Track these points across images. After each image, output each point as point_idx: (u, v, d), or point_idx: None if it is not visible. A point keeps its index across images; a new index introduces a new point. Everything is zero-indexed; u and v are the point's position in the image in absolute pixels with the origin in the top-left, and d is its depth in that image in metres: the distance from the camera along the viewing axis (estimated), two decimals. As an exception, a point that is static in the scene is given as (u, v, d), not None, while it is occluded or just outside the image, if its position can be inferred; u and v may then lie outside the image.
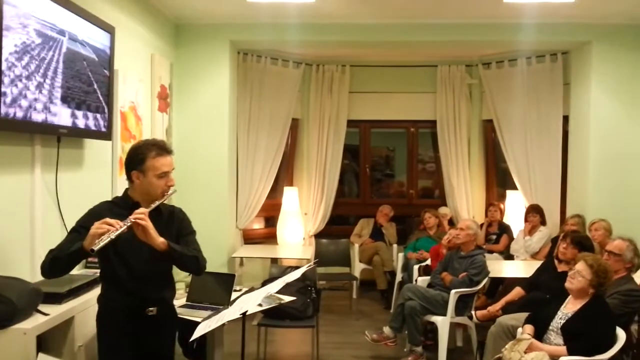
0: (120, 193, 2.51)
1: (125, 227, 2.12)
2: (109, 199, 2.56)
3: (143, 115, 4.61)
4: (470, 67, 6.75)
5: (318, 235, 6.64)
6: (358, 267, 6.34)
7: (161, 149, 2.37)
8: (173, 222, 2.46)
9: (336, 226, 7.04)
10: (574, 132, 5.84)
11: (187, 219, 2.54)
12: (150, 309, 2.39)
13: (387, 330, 4.48)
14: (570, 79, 5.90)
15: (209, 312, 2.88)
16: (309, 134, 6.80)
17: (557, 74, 6.01)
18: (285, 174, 6.88)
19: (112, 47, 3.69)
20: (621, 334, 3.11)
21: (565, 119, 5.97)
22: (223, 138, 5.60)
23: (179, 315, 3.09)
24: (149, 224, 2.19)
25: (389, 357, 4.50)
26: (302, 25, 5.38)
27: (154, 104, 4.92)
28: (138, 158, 2.33)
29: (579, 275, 3.18)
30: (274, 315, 4.05)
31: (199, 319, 2.78)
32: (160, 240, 2.23)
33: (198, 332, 2.45)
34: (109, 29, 3.65)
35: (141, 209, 2.22)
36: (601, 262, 3.24)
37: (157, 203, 2.32)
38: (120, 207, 2.34)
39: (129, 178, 2.38)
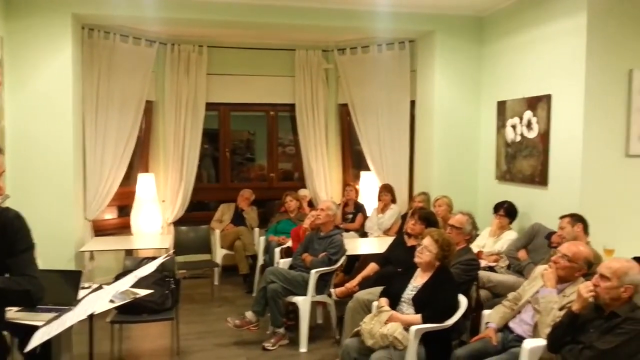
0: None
1: None
2: None
3: (-35, 95, 4.03)
4: (326, 52, 6.91)
5: (177, 223, 6.40)
6: (219, 253, 6.23)
7: None
8: (5, 234, 1.97)
9: (196, 212, 6.86)
10: (420, 116, 6.26)
11: (24, 229, 2.02)
12: None
13: (249, 314, 4.47)
14: (416, 66, 6.30)
15: (51, 315, 2.61)
16: (164, 117, 6.47)
17: (405, 61, 6.38)
18: (140, 160, 6.50)
19: None
20: (463, 300, 3.42)
21: (413, 103, 6.38)
22: (66, 121, 5.12)
23: (16, 321, 2.79)
24: None
25: (252, 342, 4.49)
26: (154, 0, 5.07)
27: (-21, 82, 4.32)
28: None
29: (426, 250, 3.41)
30: (130, 311, 3.81)
31: (39, 323, 2.51)
32: None
33: (34, 341, 2.12)
34: None
35: None
36: (445, 236, 3.52)
37: None
38: None
39: None
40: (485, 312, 3.50)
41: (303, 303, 4.41)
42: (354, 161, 7.25)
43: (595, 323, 2.69)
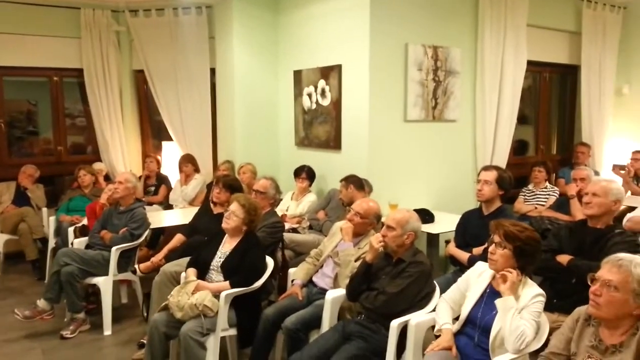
0: None
1: None
2: None
3: None
4: (116, 12, 6.38)
5: (-60, 208, 5.45)
6: (0, 239, 5.49)
7: None
8: None
9: (-35, 195, 5.90)
10: (221, 84, 6.21)
11: None
12: None
13: (42, 303, 4.05)
14: (215, 32, 6.19)
15: None
16: None
17: (203, 28, 6.21)
18: None
19: None
20: (270, 262, 3.55)
21: (213, 71, 6.28)
22: None
23: None
24: None
25: (48, 332, 4.10)
26: None
27: None
28: None
29: (233, 215, 3.44)
30: None
31: None
32: None
33: None
34: None
35: None
36: (251, 201, 3.58)
37: None
38: None
39: None
40: (291, 270, 3.69)
41: (104, 283, 4.14)
42: (154, 131, 6.92)
43: (386, 270, 3.02)
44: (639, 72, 6.70)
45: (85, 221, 4.93)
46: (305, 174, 5.24)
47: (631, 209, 4.48)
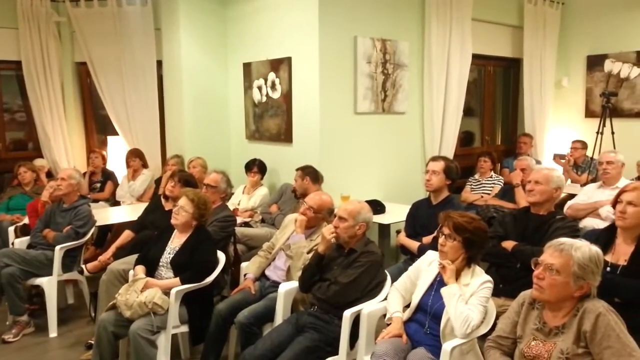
0: None
1: None
2: None
3: None
4: (56, 2, 6.11)
5: None
6: None
7: None
8: None
9: None
10: (168, 76, 6.06)
11: None
12: None
13: (-20, 306, 3.87)
14: (161, 24, 6.04)
15: None
16: None
17: (148, 19, 6.04)
18: None
19: None
20: (222, 257, 3.50)
21: (160, 63, 6.13)
22: None
23: None
24: None
25: (-12, 336, 3.93)
26: None
27: None
28: None
29: (182, 210, 3.37)
30: None
31: None
32: None
33: None
34: None
35: None
36: (201, 195, 3.52)
37: None
38: None
39: None
40: (244, 264, 3.66)
41: (48, 284, 3.99)
42: (99, 126, 6.68)
43: (338, 260, 3.04)
44: (577, 65, 6.98)
45: (26, 220, 4.73)
46: (257, 167, 5.21)
47: (571, 196, 4.68)
